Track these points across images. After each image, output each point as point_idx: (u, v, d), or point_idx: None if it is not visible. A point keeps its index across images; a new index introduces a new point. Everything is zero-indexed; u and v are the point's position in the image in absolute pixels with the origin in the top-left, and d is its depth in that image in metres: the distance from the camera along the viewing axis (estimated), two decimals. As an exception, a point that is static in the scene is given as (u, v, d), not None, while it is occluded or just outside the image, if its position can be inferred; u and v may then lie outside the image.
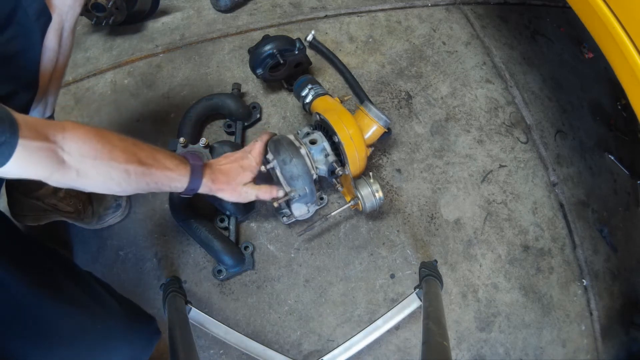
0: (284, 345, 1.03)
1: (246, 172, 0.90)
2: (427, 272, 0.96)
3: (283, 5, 1.46)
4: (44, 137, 0.53)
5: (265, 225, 1.13)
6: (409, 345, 1.07)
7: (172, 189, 0.78)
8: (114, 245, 1.08)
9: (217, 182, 0.85)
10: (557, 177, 1.32)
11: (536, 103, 1.42)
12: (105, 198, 1.06)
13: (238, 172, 0.89)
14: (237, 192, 0.89)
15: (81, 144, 0.59)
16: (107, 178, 0.63)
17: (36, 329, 0.62)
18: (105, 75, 1.28)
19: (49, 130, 0.54)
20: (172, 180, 0.76)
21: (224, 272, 1.05)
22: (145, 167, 0.69)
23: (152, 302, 1.04)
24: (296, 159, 0.95)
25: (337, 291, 1.09)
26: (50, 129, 0.55)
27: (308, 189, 0.98)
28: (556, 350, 1.14)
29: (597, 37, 0.94)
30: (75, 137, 0.58)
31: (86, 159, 0.59)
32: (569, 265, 1.23)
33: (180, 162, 0.79)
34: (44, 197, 0.94)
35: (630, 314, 1.23)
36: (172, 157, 0.77)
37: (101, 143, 0.61)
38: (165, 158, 0.75)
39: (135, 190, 0.70)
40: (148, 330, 0.80)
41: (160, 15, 1.40)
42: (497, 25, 1.55)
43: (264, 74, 1.17)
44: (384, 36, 1.44)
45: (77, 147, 0.58)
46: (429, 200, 1.21)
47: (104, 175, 0.63)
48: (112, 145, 0.64)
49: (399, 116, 1.31)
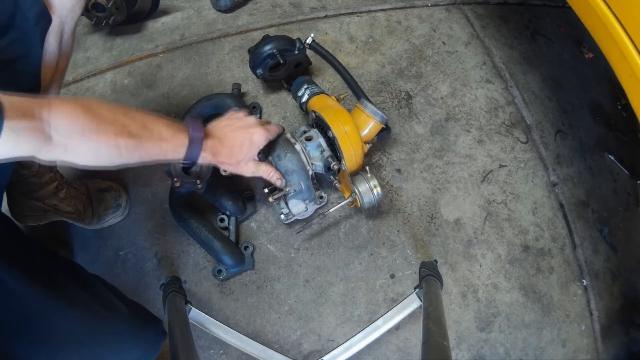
0: (284, 345, 1.03)
1: (253, 148, 0.85)
2: (427, 272, 0.96)
3: (283, 5, 1.46)
4: (30, 116, 0.52)
5: (265, 225, 1.13)
6: (409, 345, 1.07)
7: (169, 161, 0.75)
8: (114, 245, 1.08)
9: (219, 156, 0.80)
10: (557, 177, 1.32)
11: (536, 103, 1.42)
12: (105, 198, 1.06)
13: (245, 146, 0.83)
14: (239, 168, 0.85)
15: (68, 120, 0.56)
16: (96, 154, 0.61)
17: (42, 332, 0.62)
18: (105, 75, 1.29)
19: (34, 108, 0.53)
20: (167, 152, 0.71)
21: (224, 272, 1.06)
22: (136, 140, 0.64)
23: (152, 302, 1.04)
24: (291, 154, 0.96)
25: (337, 291, 1.09)
26: (36, 107, 0.53)
27: (304, 184, 0.98)
28: (556, 350, 1.14)
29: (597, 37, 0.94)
30: (62, 113, 0.56)
31: (73, 135, 0.57)
32: (569, 265, 1.23)
33: (177, 131, 0.72)
34: (44, 198, 0.94)
35: (630, 314, 1.23)
36: (169, 126, 0.71)
37: (89, 118, 0.58)
38: (161, 127, 0.69)
39: (129, 164, 0.66)
40: (155, 331, 0.80)
41: (160, 15, 1.40)
42: (497, 25, 1.55)
43: (264, 74, 1.17)
44: (384, 36, 1.44)
45: (64, 124, 0.56)
46: (429, 200, 1.21)
47: (92, 151, 0.60)
48: (101, 119, 0.60)
49: (399, 116, 1.31)
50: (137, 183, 1.14)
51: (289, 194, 0.99)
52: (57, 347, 0.63)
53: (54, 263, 0.71)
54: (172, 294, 0.92)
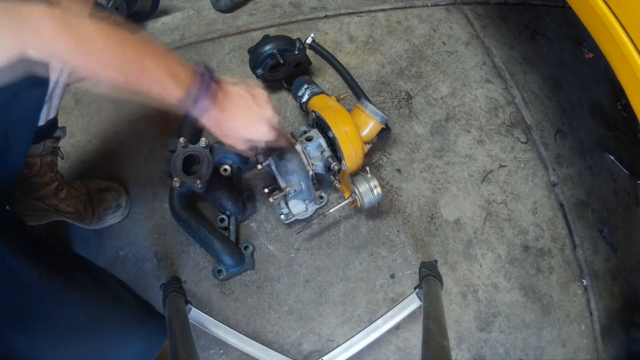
0: (283, 345, 1.03)
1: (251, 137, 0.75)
2: (427, 272, 0.96)
3: (283, 5, 1.46)
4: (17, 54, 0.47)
5: (265, 225, 1.13)
6: (409, 345, 1.07)
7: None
8: (114, 245, 1.08)
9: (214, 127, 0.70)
10: (557, 177, 1.32)
11: (536, 103, 1.42)
12: (106, 198, 1.06)
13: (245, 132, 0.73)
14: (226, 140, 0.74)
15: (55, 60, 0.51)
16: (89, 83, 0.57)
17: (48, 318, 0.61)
18: (105, 75, 1.28)
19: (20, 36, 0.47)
20: (164, 98, 0.62)
21: (224, 272, 1.06)
22: (132, 84, 0.57)
23: (152, 302, 1.02)
24: (290, 154, 0.96)
25: (337, 291, 1.09)
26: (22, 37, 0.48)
27: (304, 184, 0.98)
28: (556, 350, 1.14)
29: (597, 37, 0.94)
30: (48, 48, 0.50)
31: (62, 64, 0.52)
32: (569, 265, 1.23)
33: (181, 78, 0.62)
34: (44, 198, 0.94)
35: (630, 314, 1.23)
36: (168, 71, 0.60)
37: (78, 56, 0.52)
38: (161, 73, 0.59)
39: None
40: (161, 325, 0.79)
41: (160, 15, 1.40)
42: (497, 25, 1.55)
43: (264, 74, 1.17)
44: (384, 36, 1.44)
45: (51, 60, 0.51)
46: (429, 200, 1.21)
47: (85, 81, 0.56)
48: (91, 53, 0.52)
49: (399, 116, 1.31)
50: (137, 183, 1.14)
51: (289, 194, 0.99)
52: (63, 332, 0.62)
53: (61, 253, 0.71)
54: (172, 294, 0.92)
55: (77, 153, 1.16)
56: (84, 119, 1.22)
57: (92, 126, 1.19)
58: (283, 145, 0.92)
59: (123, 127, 1.20)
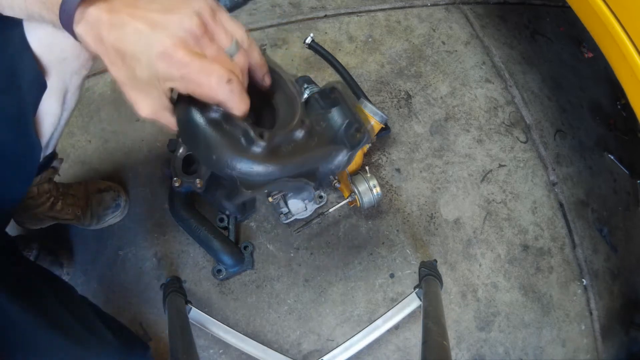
0: (283, 345, 1.03)
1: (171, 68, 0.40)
2: (426, 271, 0.96)
3: (282, 5, 1.46)
4: None
5: (264, 224, 1.13)
6: (408, 345, 1.07)
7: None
8: (113, 245, 1.08)
9: (98, 46, 0.41)
10: (557, 177, 1.32)
11: (536, 103, 1.42)
12: (105, 198, 1.06)
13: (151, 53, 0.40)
14: (127, 92, 0.44)
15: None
16: None
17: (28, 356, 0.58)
18: (105, 75, 1.28)
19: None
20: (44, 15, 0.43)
21: (224, 272, 1.06)
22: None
23: (152, 302, 1.04)
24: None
25: (337, 291, 1.09)
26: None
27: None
28: (556, 350, 1.14)
29: (597, 37, 0.94)
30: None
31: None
32: (569, 264, 1.23)
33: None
34: (41, 213, 0.93)
35: (630, 314, 1.23)
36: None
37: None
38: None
39: None
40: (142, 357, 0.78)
41: (159, 15, 1.40)
42: (496, 24, 1.55)
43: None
44: (383, 36, 1.44)
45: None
46: (428, 200, 1.21)
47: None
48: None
49: (398, 116, 1.31)
50: (137, 183, 1.14)
51: (288, 193, 0.99)
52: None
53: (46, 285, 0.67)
54: (172, 294, 0.92)
55: (76, 153, 1.16)
56: (84, 119, 1.22)
57: (91, 126, 1.19)
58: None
59: (122, 127, 1.20)
